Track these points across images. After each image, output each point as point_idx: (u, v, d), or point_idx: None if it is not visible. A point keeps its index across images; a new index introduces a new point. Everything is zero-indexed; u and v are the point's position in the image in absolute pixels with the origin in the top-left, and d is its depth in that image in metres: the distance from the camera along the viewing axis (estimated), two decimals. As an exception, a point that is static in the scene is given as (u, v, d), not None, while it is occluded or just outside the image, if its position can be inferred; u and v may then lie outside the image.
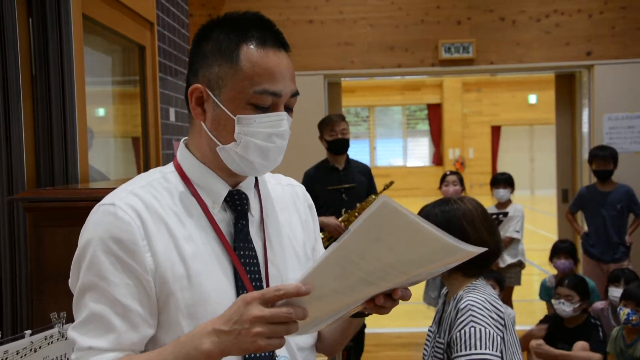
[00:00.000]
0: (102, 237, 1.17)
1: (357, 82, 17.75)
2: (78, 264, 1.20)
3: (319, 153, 6.24)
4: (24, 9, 2.43)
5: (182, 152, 1.32)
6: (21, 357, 1.73)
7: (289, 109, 1.27)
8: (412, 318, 6.46)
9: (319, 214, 4.77)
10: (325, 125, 4.61)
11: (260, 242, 1.31)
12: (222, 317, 1.09)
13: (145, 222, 1.19)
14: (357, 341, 4.77)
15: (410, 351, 5.58)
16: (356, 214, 4.42)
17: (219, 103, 1.23)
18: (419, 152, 21.27)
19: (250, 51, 1.22)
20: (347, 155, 4.68)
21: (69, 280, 1.24)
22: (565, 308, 4.04)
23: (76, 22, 2.59)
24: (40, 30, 2.47)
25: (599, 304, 4.52)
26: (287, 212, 1.41)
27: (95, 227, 1.19)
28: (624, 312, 3.72)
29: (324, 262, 1.05)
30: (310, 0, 6.23)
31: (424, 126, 21.07)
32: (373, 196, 4.54)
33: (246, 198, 1.31)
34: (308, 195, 1.50)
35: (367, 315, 1.24)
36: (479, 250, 1.05)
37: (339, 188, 4.55)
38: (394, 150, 21.28)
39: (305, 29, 6.23)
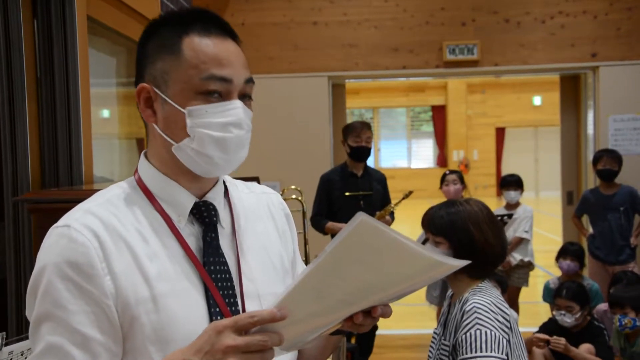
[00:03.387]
0: (57, 262, 1.08)
1: (361, 83, 17.76)
2: (34, 292, 1.11)
3: (324, 154, 6.24)
4: (29, 11, 2.44)
5: (142, 165, 1.24)
6: (25, 357, 1.73)
7: (246, 97, 1.20)
8: (418, 320, 6.46)
9: (333, 219, 4.80)
10: (351, 131, 4.64)
11: (233, 255, 1.22)
12: (191, 347, 1.02)
13: (104, 242, 1.10)
14: (367, 343, 4.77)
15: (416, 353, 5.56)
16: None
17: (166, 99, 1.15)
18: (423, 154, 21.26)
19: (194, 40, 1.15)
20: (365, 163, 4.72)
21: (26, 310, 1.15)
22: (566, 319, 4.04)
23: (81, 24, 2.60)
24: (45, 32, 2.48)
25: (602, 306, 4.50)
26: (262, 222, 1.32)
27: (49, 251, 1.10)
28: (616, 319, 3.72)
29: (300, 285, 0.99)
30: (315, 1, 6.23)
31: (429, 128, 21.06)
32: (391, 205, 4.57)
33: (214, 209, 1.22)
34: (285, 204, 1.41)
35: (344, 333, 1.17)
36: (462, 263, 1.01)
37: (357, 195, 4.57)
38: (398, 151, 21.28)
39: (309, 31, 6.23)
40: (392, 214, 4.64)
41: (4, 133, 2.29)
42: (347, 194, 4.58)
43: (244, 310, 1.19)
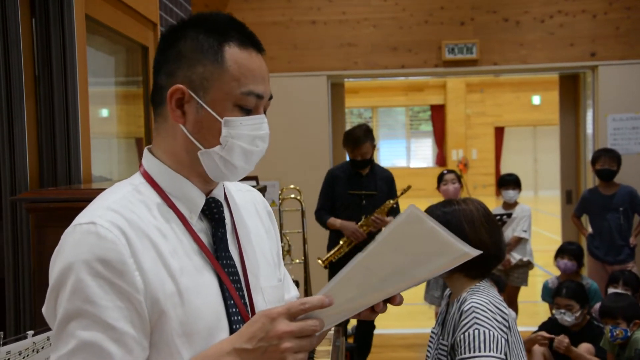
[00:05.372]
0: (86, 260, 1.07)
1: (360, 82, 17.73)
2: (56, 291, 1.10)
3: (323, 153, 6.24)
4: (27, 9, 2.43)
5: (149, 161, 1.25)
6: (23, 357, 1.72)
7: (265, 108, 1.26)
8: (416, 319, 6.45)
9: (336, 215, 4.86)
10: (349, 142, 4.60)
11: (236, 250, 1.28)
12: (242, 335, 1.07)
13: (130, 239, 1.11)
14: (365, 342, 4.77)
15: (414, 352, 5.56)
16: (372, 218, 4.42)
17: (204, 105, 1.18)
18: (422, 153, 21.26)
19: (235, 52, 1.19)
20: (372, 161, 4.72)
21: (43, 309, 1.14)
22: (566, 318, 4.03)
23: (79, 23, 2.59)
24: (43, 30, 2.47)
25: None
26: (252, 218, 1.38)
27: (75, 249, 1.09)
28: (607, 330, 3.72)
29: (350, 273, 1.06)
30: (313, 0, 6.23)
31: (427, 127, 21.05)
32: (390, 201, 4.55)
33: (221, 205, 1.27)
34: (266, 202, 1.47)
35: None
36: (476, 252, 1.07)
37: (360, 194, 4.57)
38: (397, 151, 21.27)
39: (308, 30, 6.22)
40: (396, 210, 4.63)
41: (1, 132, 2.29)
42: (350, 192, 4.59)
43: (251, 302, 1.25)
